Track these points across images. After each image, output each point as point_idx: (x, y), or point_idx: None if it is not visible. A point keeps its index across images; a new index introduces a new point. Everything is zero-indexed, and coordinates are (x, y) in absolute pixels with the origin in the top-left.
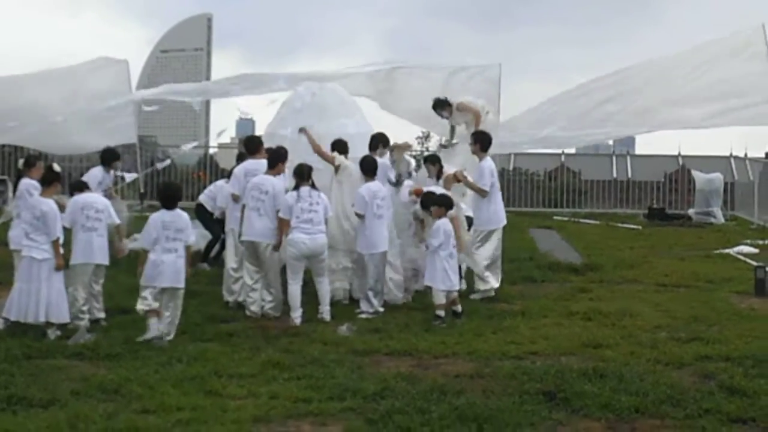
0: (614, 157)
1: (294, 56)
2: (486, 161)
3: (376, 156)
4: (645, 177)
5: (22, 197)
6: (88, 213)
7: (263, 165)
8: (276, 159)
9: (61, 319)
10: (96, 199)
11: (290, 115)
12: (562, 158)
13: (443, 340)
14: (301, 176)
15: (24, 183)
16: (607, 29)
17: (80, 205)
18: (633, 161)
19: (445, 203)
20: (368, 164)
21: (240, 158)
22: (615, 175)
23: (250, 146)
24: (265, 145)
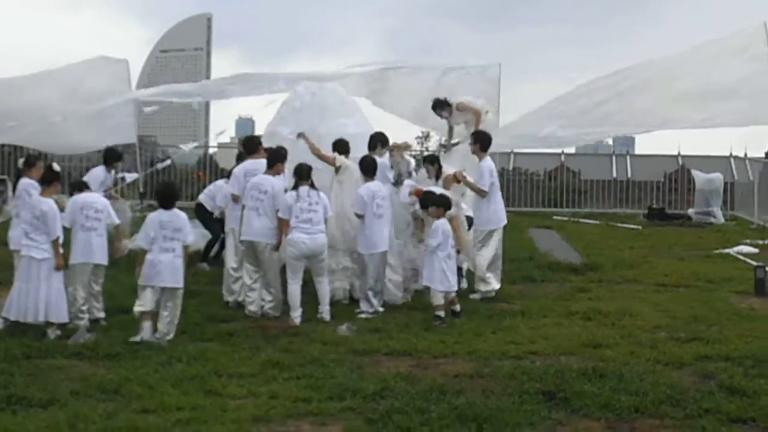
0: (614, 157)
1: (293, 56)
2: (485, 161)
3: (376, 155)
4: (645, 177)
5: (21, 197)
6: (88, 213)
7: (263, 165)
8: (275, 159)
9: (61, 319)
10: (95, 199)
11: (290, 115)
12: (562, 158)
13: (443, 340)
14: (301, 176)
15: (23, 183)
16: (607, 29)
17: (79, 205)
18: (633, 161)
19: (444, 204)
20: (368, 164)
21: (240, 158)
22: (615, 175)
23: (249, 146)
24: (265, 145)
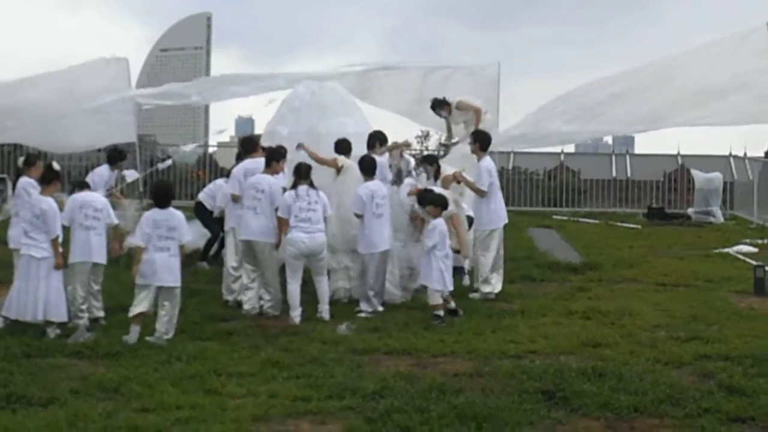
0: (614, 157)
1: (293, 55)
2: (484, 161)
3: (375, 154)
4: (644, 176)
5: (21, 196)
6: (87, 212)
7: (262, 164)
8: (272, 158)
9: (60, 318)
10: (95, 198)
11: (289, 114)
12: (562, 157)
13: (442, 339)
14: (300, 175)
15: (22, 182)
16: (607, 29)
17: (79, 204)
18: (632, 160)
19: (441, 203)
20: (367, 163)
21: (239, 158)
22: (614, 175)
23: (247, 146)
24: (265, 144)
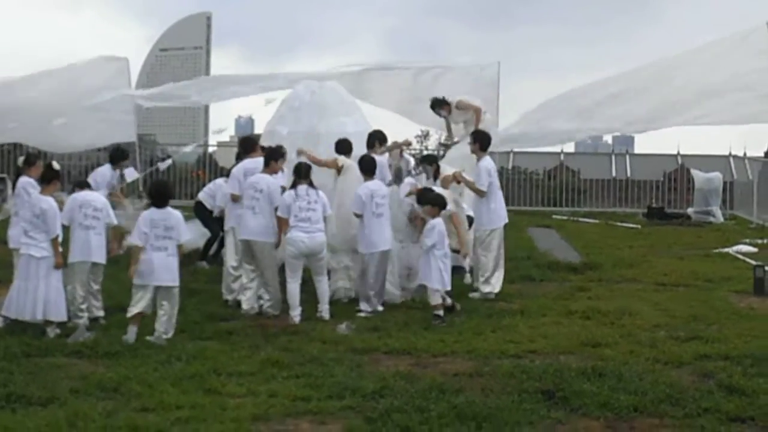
0: (613, 156)
1: (293, 54)
2: (484, 161)
3: (375, 154)
4: (644, 176)
5: (20, 195)
6: (86, 211)
7: (262, 164)
8: (271, 157)
9: (59, 317)
10: (95, 198)
11: (289, 114)
12: (562, 157)
13: (442, 339)
14: (299, 174)
15: (22, 181)
16: (607, 29)
17: (78, 203)
18: (632, 160)
19: (439, 203)
20: (367, 163)
21: (239, 158)
22: (614, 174)
23: (246, 146)
24: (265, 144)
